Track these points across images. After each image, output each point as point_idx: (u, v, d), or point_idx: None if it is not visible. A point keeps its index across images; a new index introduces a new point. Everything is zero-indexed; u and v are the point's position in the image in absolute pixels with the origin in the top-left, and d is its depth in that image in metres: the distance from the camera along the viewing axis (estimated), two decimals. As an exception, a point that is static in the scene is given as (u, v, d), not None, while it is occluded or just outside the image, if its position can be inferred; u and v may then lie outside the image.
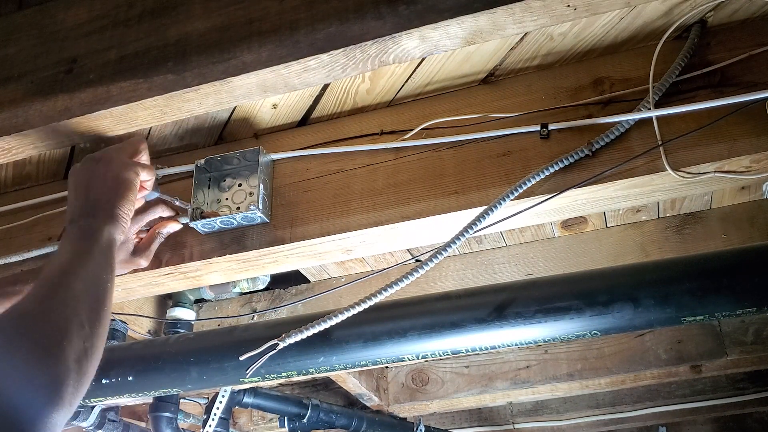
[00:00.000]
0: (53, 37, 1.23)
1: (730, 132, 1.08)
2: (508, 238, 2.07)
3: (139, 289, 1.37)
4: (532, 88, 1.25)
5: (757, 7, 1.14)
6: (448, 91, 1.31)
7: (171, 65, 1.09)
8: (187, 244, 1.29)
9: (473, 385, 2.45)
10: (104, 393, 1.59)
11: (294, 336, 1.34)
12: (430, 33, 0.98)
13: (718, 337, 2.18)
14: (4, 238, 1.42)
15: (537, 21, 0.96)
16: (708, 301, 1.27)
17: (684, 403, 2.89)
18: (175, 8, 1.15)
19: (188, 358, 1.53)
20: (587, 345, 2.32)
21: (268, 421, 2.71)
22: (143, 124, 1.16)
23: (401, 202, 1.21)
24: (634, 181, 1.11)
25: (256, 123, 1.37)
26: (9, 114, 1.16)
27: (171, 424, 2.25)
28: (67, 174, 1.47)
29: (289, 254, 1.27)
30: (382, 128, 1.30)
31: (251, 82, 1.06)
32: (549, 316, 1.34)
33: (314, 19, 1.04)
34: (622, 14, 1.16)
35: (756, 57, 1.13)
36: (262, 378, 1.50)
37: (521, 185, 1.11)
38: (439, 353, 1.42)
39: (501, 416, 3.17)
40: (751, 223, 1.91)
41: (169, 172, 1.35)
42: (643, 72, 1.17)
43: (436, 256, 1.15)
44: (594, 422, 3.05)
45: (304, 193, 1.28)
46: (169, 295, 2.25)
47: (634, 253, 1.97)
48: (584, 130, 1.15)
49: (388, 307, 1.43)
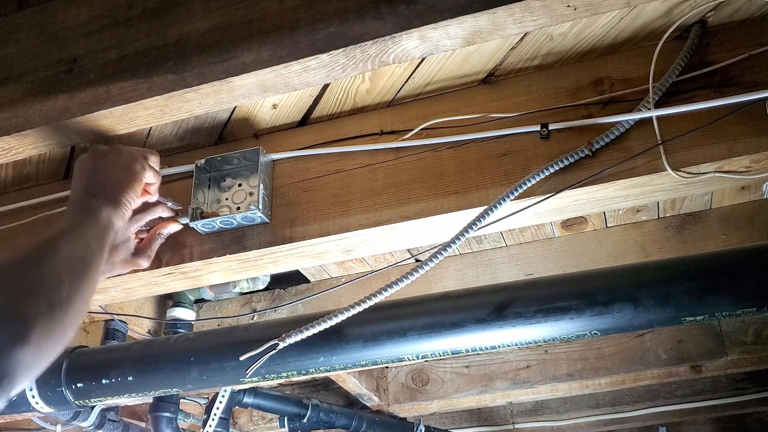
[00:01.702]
0: (53, 37, 1.23)
1: (730, 132, 1.08)
2: (508, 238, 2.07)
3: (139, 289, 1.37)
4: (532, 88, 1.25)
5: (757, 7, 1.14)
6: (448, 91, 1.31)
7: (171, 65, 1.09)
8: (187, 244, 1.29)
9: (473, 385, 2.45)
10: (104, 393, 1.59)
11: (294, 336, 1.34)
12: (430, 33, 0.98)
13: (718, 337, 2.18)
14: (4, 238, 1.42)
15: (537, 21, 0.96)
16: (708, 301, 1.27)
17: (684, 403, 2.89)
18: (175, 8, 1.15)
19: (188, 358, 1.53)
20: (587, 345, 2.32)
21: (268, 421, 2.71)
22: (143, 124, 1.16)
23: (401, 202, 1.21)
24: (634, 181, 1.11)
25: (256, 123, 1.37)
26: (9, 114, 1.16)
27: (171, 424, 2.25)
28: (67, 174, 1.48)
29: (289, 254, 1.27)
30: (382, 128, 1.30)
31: (251, 82, 1.06)
32: (549, 316, 1.34)
33: (314, 19, 1.04)
34: (622, 14, 1.16)
35: (756, 57, 1.13)
36: (262, 378, 1.50)
37: (521, 185, 1.11)
38: (439, 353, 1.42)
39: (501, 416, 3.16)
40: (751, 223, 1.91)
41: (169, 172, 1.35)
42: (643, 72, 1.17)
43: (436, 256, 1.15)
44: (594, 422, 3.05)
45: (304, 193, 1.28)
46: (169, 295, 2.25)
47: (634, 253, 1.97)
48: (584, 130, 1.15)
49: (388, 307, 1.43)
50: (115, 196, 1.08)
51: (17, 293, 0.83)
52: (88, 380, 1.58)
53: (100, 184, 1.09)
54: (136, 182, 1.12)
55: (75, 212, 1.06)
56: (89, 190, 1.09)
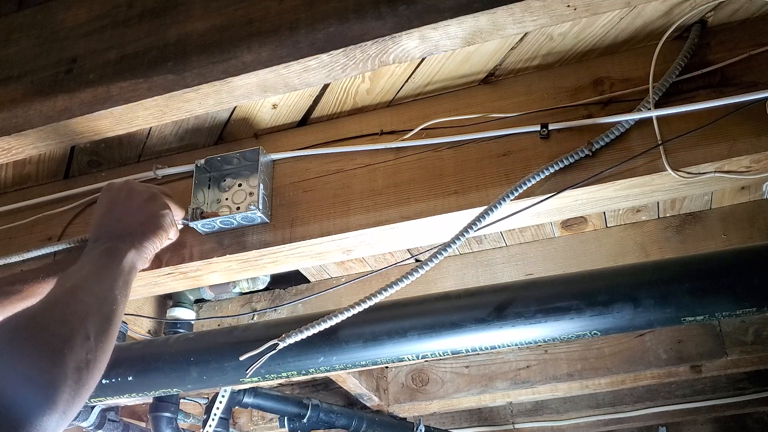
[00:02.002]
0: (53, 37, 1.23)
1: (730, 132, 1.08)
2: (508, 238, 2.07)
3: (140, 289, 1.37)
4: (532, 88, 1.25)
5: (757, 7, 1.14)
6: (448, 91, 1.31)
7: (171, 65, 1.09)
8: (187, 244, 1.29)
9: (473, 385, 2.45)
10: (104, 393, 1.59)
11: (294, 336, 1.34)
12: (430, 33, 0.98)
13: (718, 337, 2.18)
14: (4, 238, 1.42)
15: (537, 21, 0.96)
16: (708, 301, 1.27)
17: (684, 403, 2.89)
18: (175, 8, 1.15)
19: (188, 358, 1.53)
20: (587, 345, 2.32)
21: (268, 421, 2.71)
22: (143, 124, 1.16)
23: (401, 202, 1.21)
24: (634, 181, 1.11)
25: (256, 123, 1.37)
26: (9, 114, 1.16)
27: (171, 424, 2.25)
28: (67, 174, 1.48)
29: (289, 254, 1.27)
30: (382, 128, 1.30)
31: (251, 82, 1.06)
32: (549, 316, 1.34)
33: (314, 19, 1.04)
34: (622, 14, 1.16)
35: (756, 57, 1.13)
36: (262, 378, 1.50)
37: (521, 185, 1.11)
38: (439, 353, 1.42)
39: (501, 416, 3.16)
40: (751, 223, 1.91)
41: (169, 172, 1.35)
42: (643, 72, 1.17)
43: (436, 256, 1.15)
44: (594, 422, 3.05)
45: (304, 193, 1.28)
46: (169, 295, 2.25)
47: (634, 253, 1.97)
48: (584, 130, 1.15)
49: (388, 307, 1.43)
50: (141, 243, 1.08)
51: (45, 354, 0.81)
52: (88, 380, 1.58)
53: (129, 227, 1.09)
54: (163, 234, 1.13)
55: (100, 255, 1.04)
56: (116, 234, 1.08)
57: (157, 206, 1.14)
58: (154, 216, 1.13)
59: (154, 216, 1.13)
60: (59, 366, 0.81)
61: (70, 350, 0.83)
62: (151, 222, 1.12)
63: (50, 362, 0.81)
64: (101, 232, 1.10)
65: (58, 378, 0.80)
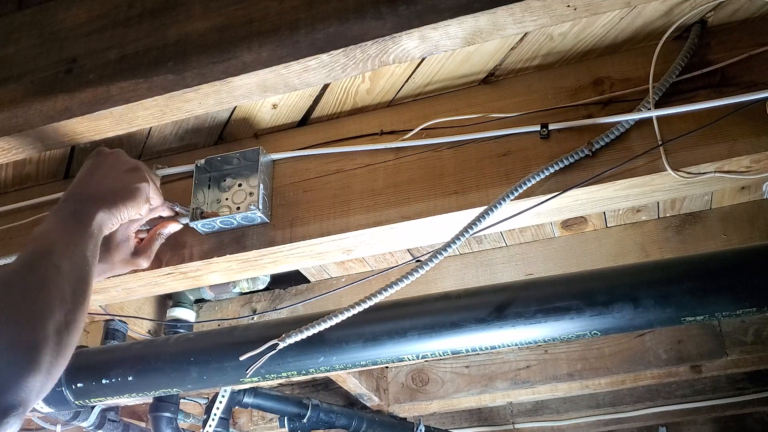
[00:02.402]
0: (53, 37, 1.23)
1: (730, 132, 1.08)
2: (508, 238, 2.07)
3: (140, 289, 1.37)
4: (532, 88, 1.25)
5: (757, 7, 1.14)
6: (448, 91, 1.31)
7: (171, 65, 1.09)
8: (187, 244, 1.29)
9: (473, 385, 2.45)
10: (104, 393, 1.59)
11: (294, 336, 1.34)
12: (430, 33, 0.98)
13: (718, 337, 2.18)
14: (4, 238, 1.42)
15: (537, 21, 0.96)
16: (708, 301, 1.27)
17: (684, 403, 2.89)
18: (175, 8, 1.15)
19: (188, 358, 1.52)
20: (587, 345, 2.32)
21: (268, 421, 2.71)
22: (143, 124, 1.16)
23: (401, 202, 1.21)
24: (634, 181, 1.11)
25: (256, 123, 1.37)
26: (9, 114, 1.16)
27: (171, 424, 2.25)
28: (67, 174, 1.48)
29: (289, 254, 1.27)
30: (382, 128, 1.30)
31: (251, 82, 1.06)
32: (549, 316, 1.34)
33: (314, 19, 1.04)
34: (622, 14, 1.16)
35: (756, 57, 1.13)
36: (262, 378, 1.50)
37: (521, 185, 1.11)
38: (439, 353, 1.42)
39: (501, 416, 3.16)
40: (751, 223, 1.91)
41: (169, 172, 1.35)
42: (643, 72, 1.17)
43: (436, 256, 1.15)
44: (594, 422, 3.05)
45: (304, 193, 1.28)
46: (169, 295, 2.25)
47: (634, 253, 1.97)
48: (584, 130, 1.15)
49: (388, 307, 1.43)
50: (110, 207, 1.08)
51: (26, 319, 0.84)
52: (88, 380, 1.58)
53: (102, 192, 1.09)
54: (133, 205, 1.11)
55: (69, 215, 1.04)
56: (86, 193, 1.08)
57: (136, 178, 1.14)
58: (129, 186, 1.12)
59: (129, 185, 1.12)
60: (41, 330, 0.84)
61: (50, 313, 0.86)
62: (125, 190, 1.11)
63: (32, 327, 0.84)
64: (74, 192, 1.10)
65: (40, 341, 0.83)
